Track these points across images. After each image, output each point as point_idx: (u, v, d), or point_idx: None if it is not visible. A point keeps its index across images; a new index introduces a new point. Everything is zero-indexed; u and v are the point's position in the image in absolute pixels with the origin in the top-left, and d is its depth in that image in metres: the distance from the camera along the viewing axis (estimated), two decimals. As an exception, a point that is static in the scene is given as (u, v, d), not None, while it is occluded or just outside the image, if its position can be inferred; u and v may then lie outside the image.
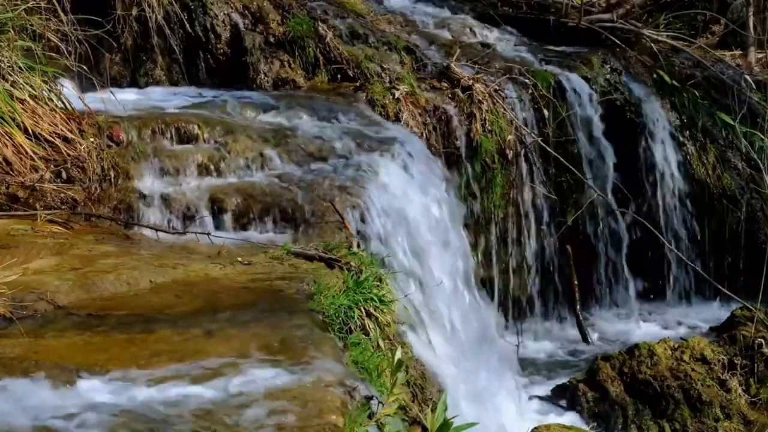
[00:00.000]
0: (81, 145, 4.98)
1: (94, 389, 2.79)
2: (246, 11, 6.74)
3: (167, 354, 3.06)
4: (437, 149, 6.40)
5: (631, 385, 5.80)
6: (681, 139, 7.52)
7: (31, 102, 5.01)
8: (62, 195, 4.77)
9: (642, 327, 7.17)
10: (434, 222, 5.51)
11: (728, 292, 6.30)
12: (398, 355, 2.94)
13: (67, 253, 4.08)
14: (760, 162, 7.21)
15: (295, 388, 2.79)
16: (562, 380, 6.15)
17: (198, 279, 3.91)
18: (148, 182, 5.08)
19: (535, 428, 5.27)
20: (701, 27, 8.43)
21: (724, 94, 7.60)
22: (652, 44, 7.69)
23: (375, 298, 3.94)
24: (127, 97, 5.84)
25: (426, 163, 5.89)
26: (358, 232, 4.95)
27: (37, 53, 5.31)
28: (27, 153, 4.81)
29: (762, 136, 7.31)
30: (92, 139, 5.09)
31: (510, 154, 6.73)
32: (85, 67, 5.71)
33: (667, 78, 7.58)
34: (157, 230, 4.65)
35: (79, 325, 3.34)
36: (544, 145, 6.83)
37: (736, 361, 5.78)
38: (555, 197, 6.94)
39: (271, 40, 6.68)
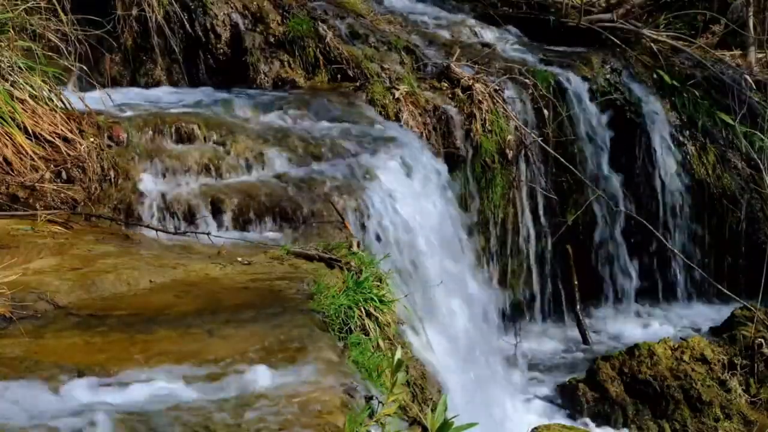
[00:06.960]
0: (81, 145, 4.97)
1: (93, 389, 2.79)
2: (246, 11, 6.74)
3: (167, 354, 3.06)
4: (437, 149, 6.40)
5: (631, 385, 5.80)
6: (681, 139, 7.52)
7: (31, 102, 5.00)
8: (62, 195, 4.76)
9: (642, 327, 7.17)
10: (434, 221, 5.51)
11: (728, 292, 6.30)
12: (398, 355, 2.93)
13: (67, 253, 4.07)
14: (760, 162, 7.22)
15: (295, 388, 2.79)
16: (562, 380, 6.15)
17: (198, 279, 3.90)
18: (149, 182, 5.07)
19: (535, 428, 5.28)
20: (701, 27, 8.41)
21: (724, 94, 7.60)
22: (652, 44, 7.69)
23: (375, 298, 3.94)
24: (127, 97, 5.84)
25: (426, 163, 5.89)
26: (360, 231, 4.95)
27: (37, 53, 5.31)
28: (27, 153, 4.80)
29: (762, 136, 7.32)
30: (92, 139, 5.08)
31: (510, 154, 6.72)
32: (85, 67, 5.71)
33: (667, 78, 7.58)
34: (157, 230, 4.65)
35: (79, 325, 3.34)
36: (544, 145, 6.83)
37: (736, 361, 5.79)
38: (555, 197, 6.94)
39: (271, 40, 6.68)
